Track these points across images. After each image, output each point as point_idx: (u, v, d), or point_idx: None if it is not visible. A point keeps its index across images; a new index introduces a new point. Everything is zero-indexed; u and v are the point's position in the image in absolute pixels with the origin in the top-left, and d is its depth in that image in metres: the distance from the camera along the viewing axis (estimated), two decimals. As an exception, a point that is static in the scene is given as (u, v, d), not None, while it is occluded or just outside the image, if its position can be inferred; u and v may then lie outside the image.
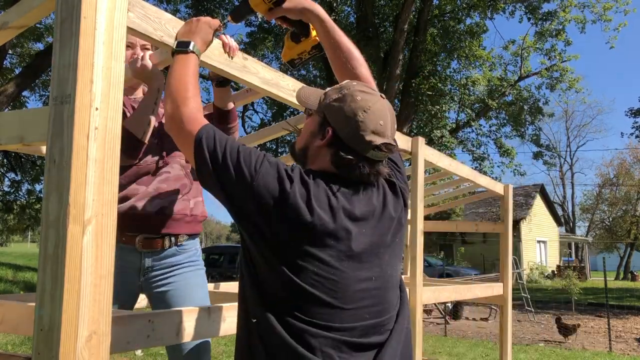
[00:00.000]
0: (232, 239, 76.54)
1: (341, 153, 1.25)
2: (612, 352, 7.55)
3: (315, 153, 1.31)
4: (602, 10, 13.77)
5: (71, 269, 1.00)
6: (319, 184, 1.22)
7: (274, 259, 1.17)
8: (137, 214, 1.83)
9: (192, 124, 1.23)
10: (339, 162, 1.26)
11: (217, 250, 26.88)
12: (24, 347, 5.64)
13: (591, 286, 19.32)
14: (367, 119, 1.24)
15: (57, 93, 1.07)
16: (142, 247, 1.87)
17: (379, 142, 1.24)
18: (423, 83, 13.08)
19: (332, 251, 1.18)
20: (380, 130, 1.25)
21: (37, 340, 1.02)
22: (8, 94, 10.43)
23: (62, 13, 1.09)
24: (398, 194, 1.36)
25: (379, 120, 1.25)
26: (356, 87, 1.30)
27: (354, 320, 1.18)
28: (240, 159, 1.18)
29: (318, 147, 1.29)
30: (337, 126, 1.26)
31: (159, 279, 1.93)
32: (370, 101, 1.27)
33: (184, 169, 1.99)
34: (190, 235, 2.00)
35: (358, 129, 1.24)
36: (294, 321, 1.14)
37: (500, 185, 4.14)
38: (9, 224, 23.13)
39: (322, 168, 1.28)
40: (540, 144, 16.93)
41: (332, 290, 1.16)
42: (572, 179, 41.61)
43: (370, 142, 1.24)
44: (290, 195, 1.16)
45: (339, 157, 1.25)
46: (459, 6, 13.85)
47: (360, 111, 1.24)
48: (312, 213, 1.16)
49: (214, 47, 1.48)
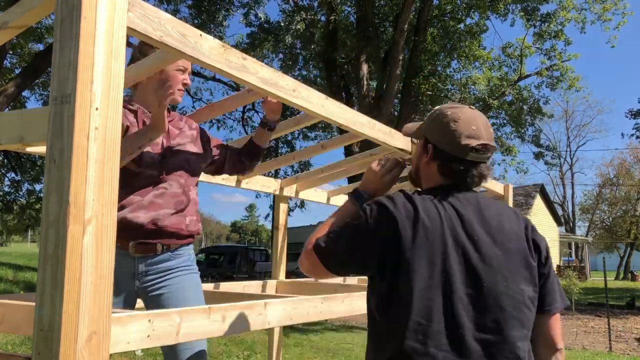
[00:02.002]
0: (232, 239, 76.59)
1: (446, 162, 1.39)
2: (612, 352, 7.55)
3: (425, 171, 1.46)
4: (602, 11, 13.77)
5: (71, 269, 1.00)
6: (425, 199, 1.33)
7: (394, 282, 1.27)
8: (130, 224, 1.84)
9: (310, 243, 1.40)
10: (445, 171, 1.40)
11: (217, 250, 26.96)
12: (24, 347, 5.64)
13: (591, 286, 19.32)
14: (459, 126, 1.38)
15: (57, 93, 1.07)
16: (135, 252, 1.89)
17: (475, 143, 1.36)
18: (423, 83, 13.07)
19: (442, 266, 1.26)
20: (475, 134, 1.38)
21: (37, 340, 1.02)
22: (8, 94, 10.43)
23: (62, 13, 1.09)
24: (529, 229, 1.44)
25: (470, 125, 1.38)
26: (446, 106, 1.46)
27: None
28: (348, 229, 1.35)
29: (426, 164, 1.45)
30: (436, 140, 1.42)
31: (153, 283, 1.94)
32: (460, 112, 1.41)
33: (182, 187, 1.99)
34: (184, 243, 2.01)
35: (453, 136, 1.37)
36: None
37: (500, 185, 4.14)
38: (9, 224, 23.13)
39: (435, 182, 1.42)
40: (540, 144, 16.92)
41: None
42: (572, 178, 41.69)
43: (467, 145, 1.36)
44: (399, 225, 1.27)
45: (445, 166, 1.40)
46: (459, 6, 13.84)
47: (452, 122, 1.39)
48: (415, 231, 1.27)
49: (213, 48, 1.48)
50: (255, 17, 14.17)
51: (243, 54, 1.60)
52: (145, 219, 1.86)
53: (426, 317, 1.22)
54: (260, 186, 3.33)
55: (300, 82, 1.85)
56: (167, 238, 1.93)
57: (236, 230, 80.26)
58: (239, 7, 14.20)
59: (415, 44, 12.68)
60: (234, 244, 48.84)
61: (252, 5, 14.05)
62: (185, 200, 1.99)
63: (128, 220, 1.83)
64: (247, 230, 78.55)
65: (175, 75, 2.00)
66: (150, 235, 1.89)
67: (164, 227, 1.91)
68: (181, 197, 1.97)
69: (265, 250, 28.36)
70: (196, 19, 13.29)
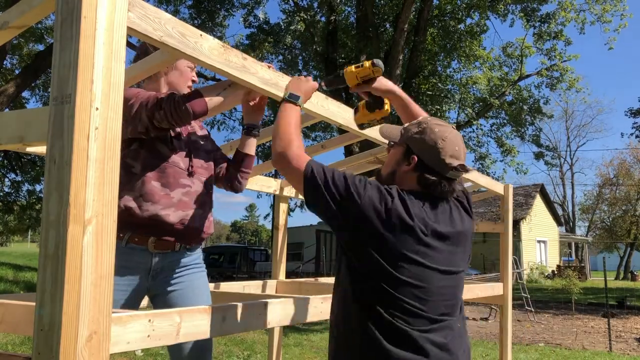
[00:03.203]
0: (232, 238, 76.55)
1: (426, 175, 1.52)
2: (612, 352, 7.55)
3: (402, 176, 1.58)
4: (602, 11, 13.76)
5: (71, 269, 1.00)
6: (412, 199, 1.48)
7: (377, 256, 1.42)
8: (162, 222, 1.84)
9: (297, 160, 1.49)
10: (424, 182, 1.53)
11: (217, 250, 26.95)
12: (24, 347, 5.64)
13: (591, 286, 19.32)
14: (445, 145, 1.52)
15: (57, 93, 1.07)
16: (154, 248, 1.88)
17: (456, 163, 1.53)
18: (423, 83, 13.06)
19: (423, 253, 1.44)
20: (457, 154, 1.54)
21: (38, 340, 1.02)
22: (8, 94, 10.43)
23: (62, 13, 1.09)
24: (468, 210, 1.65)
25: (454, 146, 1.54)
26: (432, 121, 1.59)
27: (435, 311, 1.45)
28: (348, 182, 1.44)
29: (405, 172, 1.57)
30: (421, 153, 1.54)
31: (167, 280, 1.95)
32: (446, 131, 1.55)
33: (205, 187, 2.00)
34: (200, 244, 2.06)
35: (439, 154, 1.52)
36: (389, 312, 1.41)
37: (500, 185, 4.13)
38: (10, 224, 23.12)
39: (410, 188, 1.54)
40: (540, 144, 16.90)
41: (421, 287, 1.43)
42: (572, 178, 41.65)
43: (449, 164, 1.52)
44: (393, 208, 1.42)
45: (425, 178, 1.53)
46: (459, 6, 13.83)
47: (440, 140, 1.53)
48: (412, 219, 1.43)
49: (213, 48, 1.48)
50: (254, 17, 14.16)
51: (243, 54, 1.61)
52: (175, 218, 1.86)
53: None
54: (260, 186, 3.33)
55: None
56: (189, 238, 1.95)
57: (236, 230, 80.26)
58: (239, 8, 14.20)
59: (415, 44, 12.67)
60: (234, 244, 48.86)
61: (252, 5, 14.04)
62: (208, 201, 2.01)
63: (160, 217, 1.83)
64: (247, 230, 78.52)
65: (187, 71, 2.02)
66: (174, 234, 1.89)
67: (190, 227, 1.92)
68: (204, 197, 1.99)
69: (265, 250, 28.37)
70: (196, 19, 13.29)
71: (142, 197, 1.81)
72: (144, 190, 1.82)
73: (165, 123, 1.74)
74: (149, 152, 1.85)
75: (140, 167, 1.84)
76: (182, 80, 2.01)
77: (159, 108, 1.71)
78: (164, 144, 1.88)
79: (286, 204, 3.66)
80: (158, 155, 1.87)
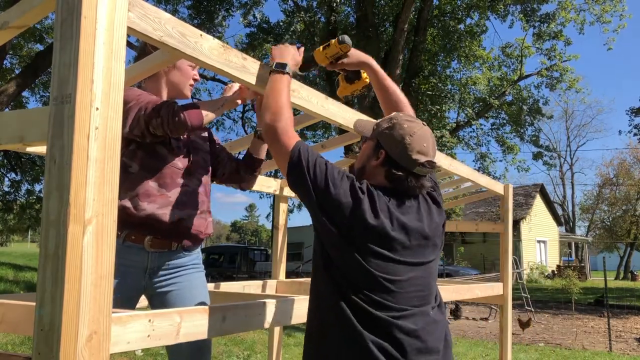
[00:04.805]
0: (232, 238, 76.55)
1: (393, 170, 1.53)
2: (612, 352, 7.55)
3: (371, 171, 1.59)
4: (601, 12, 13.77)
5: (71, 269, 1.00)
6: (380, 195, 1.49)
7: (347, 246, 1.44)
8: (159, 221, 1.84)
9: (286, 136, 1.49)
10: (391, 177, 1.54)
11: (217, 250, 26.91)
12: (24, 347, 5.64)
13: (591, 286, 19.32)
14: (413, 141, 1.53)
15: (57, 93, 1.07)
16: (150, 247, 1.88)
17: (423, 160, 1.53)
18: (423, 83, 13.05)
19: (389, 247, 1.46)
20: (424, 151, 1.54)
21: (38, 340, 1.02)
22: (8, 94, 10.43)
23: (62, 13, 1.09)
24: (439, 204, 1.66)
25: (422, 142, 1.54)
26: (403, 117, 1.60)
27: (405, 302, 1.46)
28: (327, 172, 1.46)
29: (374, 167, 1.58)
30: (389, 148, 1.55)
31: (164, 279, 1.94)
32: (415, 127, 1.56)
33: (203, 186, 2.00)
34: (198, 244, 2.04)
35: (406, 149, 1.52)
36: (359, 297, 1.42)
37: (500, 185, 4.13)
38: (9, 224, 23.12)
39: (378, 183, 1.55)
40: (539, 145, 16.89)
41: (389, 280, 1.44)
42: (572, 178, 41.65)
43: (416, 160, 1.52)
44: (362, 202, 1.44)
45: (392, 173, 1.54)
46: (458, 6, 13.83)
47: (407, 136, 1.53)
48: (377, 217, 1.44)
49: (213, 48, 1.48)
50: (253, 17, 14.16)
51: (243, 54, 1.60)
52: (172, 217, 1.86)
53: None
54: (260, 186, 3.33)
55: (301, 82, 1.85)
56: (186, 239, 1.94)
57: (236, 230, 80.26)
58: (238, 8, 14.20)
59: (415, 44, 12.67)
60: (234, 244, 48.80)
61: (251, 5, 14.03)
62: (206, 201, 2.00)
63: (157, 217, 1.83)
64: (247, 230, 78.51)
65: (188, 70, 2.02)
66: (171, 234, 1.89)
67: (188, 227, 1.92)
68: (202, 197, 1.98)
69: (265, 250, 28.34)
70: (195, 19, 13.28)
71: (138, 196, 1.81)
72: (141, 190, 1.82)
73: (160, 131, 1.74)
74: (147, 152, 1.85)
75: (138, 167, 1.84)
76: (183, 79, 2.01)
77: (157, 115, 1.72)
78: (162, 144, 1.88)
79: (286, 204, 3.66)
80: (156, 155, 1.87)
